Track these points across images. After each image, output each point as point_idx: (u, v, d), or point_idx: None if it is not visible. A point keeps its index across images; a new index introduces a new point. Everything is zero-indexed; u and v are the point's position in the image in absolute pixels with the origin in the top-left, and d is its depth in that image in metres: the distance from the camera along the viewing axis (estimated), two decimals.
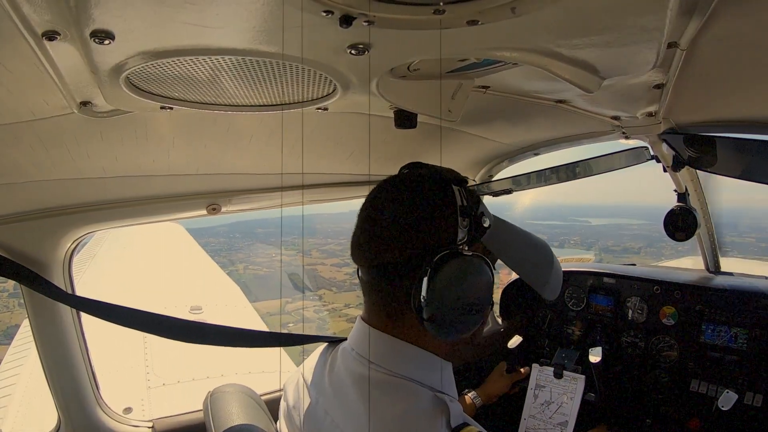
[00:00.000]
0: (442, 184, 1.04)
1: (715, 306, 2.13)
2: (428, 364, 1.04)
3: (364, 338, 1.07)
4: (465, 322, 0.98)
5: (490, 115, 1.76)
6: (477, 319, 1.00)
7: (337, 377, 1.10)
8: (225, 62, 0.93)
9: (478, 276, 0.98)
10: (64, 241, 1.71)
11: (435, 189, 1.03)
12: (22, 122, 1.15)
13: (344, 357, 1.11)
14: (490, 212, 1.09)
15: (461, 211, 1.00)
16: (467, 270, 0.97)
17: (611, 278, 2.41)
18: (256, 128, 1.50)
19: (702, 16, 0.90)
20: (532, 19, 0.79)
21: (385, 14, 0.75)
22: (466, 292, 0.96)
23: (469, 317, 0.98)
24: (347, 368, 1.08)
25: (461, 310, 0.96)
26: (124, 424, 2.00)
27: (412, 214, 1.01)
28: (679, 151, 1.79)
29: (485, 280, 0.99)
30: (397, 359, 1.03)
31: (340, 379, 1.08)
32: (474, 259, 0.98)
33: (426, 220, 1.00)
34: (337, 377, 1.09)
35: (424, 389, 1.01)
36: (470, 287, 0.97)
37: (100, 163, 1.48)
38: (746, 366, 2.02)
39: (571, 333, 2.45)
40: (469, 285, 0.96)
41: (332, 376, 1.11)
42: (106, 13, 0.72)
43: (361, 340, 1.08)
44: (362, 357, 1.06)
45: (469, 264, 0.97)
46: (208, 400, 1.60)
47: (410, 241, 1.00)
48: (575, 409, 2.07)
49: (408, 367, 1.03)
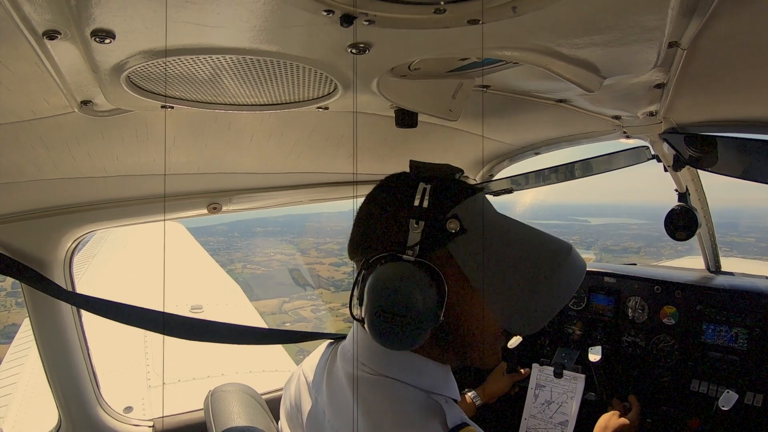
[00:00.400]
0: (407, 183, 0.97)
1: (716, 306, 2.13)
2: (416, 366, 0.99)
3: (357, 340, 1.06)
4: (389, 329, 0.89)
5: (491, 114, 1.76)
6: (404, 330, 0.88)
7: (334, 377, 1.09)
8: (226, 61, 0.93)
9: (410, 285, 0.88)
10: (64, 241, 1.71)
11: (397, 188, 0.98)
12: (23, 121, 1.15)
13: (342, 356, 1.11)
14: (475, 216, 0.95)
15: (416, 212, 0.92)
16: (395, 277, 0.88)
17: (612, 278, 2.41)
18: (257, 127, 1.50)
19: (703, 16, 0.90)
20: (533, 18, 0.79)
21: (385, 13, 0.75)
22: (392, 301, 0.87)
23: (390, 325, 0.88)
24: (343, 368, 1.08)
25: (388, 319, 0.88)
26: (124, 423, 2.00)
27: (371, 214, 0.98)
28: (679, 150, 1.79)
29: (421, 291, 0.88)
30: (384, 360, 1.00)
31: (337, 379, 1.08)
32: (411, 266, 0.89)
33: (379, 221, 0.96)
34: (335, 377, 1.09)
35: (416, 390, 0.97)
36: (398, 296, 0.87)
37: (101, 163, 1.48)
38: (747, 366, 2.02)
39: (571, 333, 2.45)
40: (396, 293, 0.87)
41: (330, 375, 1.11)
42: (106, 12, 0.72)
43: (353, 342, 1.08)
44: (355, 359, 1.05)
45: (401, 271, 0.89)
46: (208, 399, 1.60)
47: (363, 241, 0.98)
48: (576, 408, 2.07)
49: (395, 369, 0.99)
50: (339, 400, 1.04)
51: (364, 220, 1.00)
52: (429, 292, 0.89)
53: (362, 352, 1.03)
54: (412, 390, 0.97)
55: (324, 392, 1.10)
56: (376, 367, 1.00)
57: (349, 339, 1.13)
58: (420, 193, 0.93)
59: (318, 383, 1.15)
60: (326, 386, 1.10)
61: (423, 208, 0.92)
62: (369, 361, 1.02)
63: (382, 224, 0.95)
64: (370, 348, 1.02)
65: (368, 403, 0.95)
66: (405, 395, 0.96)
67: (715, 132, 1.58)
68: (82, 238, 1.77)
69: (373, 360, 1.01)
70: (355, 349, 1.05)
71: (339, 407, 1.03)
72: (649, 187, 72.01)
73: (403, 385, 0.98)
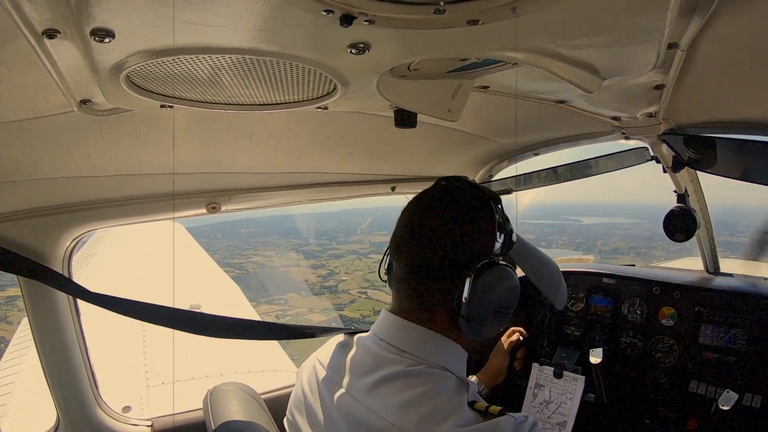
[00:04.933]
0: (484, 200, 1.17)
1: (715, 307, 2.13)
2: (454, 354, 1.16)
3: (396, 330, 1.17)
4: (495, 322, 1.13)
5: (490, 115, 1.76)
6: (504, 320, 1.15)
7: (368, 367, 1.14)
8: (225, 61, 0.93)
9: (510, 283, 1.12)
10: (64, 239, 1.71)
11: (479, 204, 1.16)
12: (23, 120, 1.15)
13: (376, 347, 1.17)
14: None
15: (499, 226, 1.14)
16: (503, 277, 1.10)
17: (611, 279, 2.41)
18: (256, 127, 1.50)
19: (702, 17, 0.90)
20: (533, 19, 0.79)
21: (385, 13, 0.75)
22: (501, 297, 1.10)
23: (499, 319, 1.13)
24: (380, 358, 1.14)
25: (494, 312, 1.11)
26: (122, 423, 2.00)
27: (458, 224, 1.13)
28: (678, 151, 1.79)
29: (515, 287, 1.13)
30: (429, 348, 1.13)
31: (373, 368, 1.13)
32: (508, 269, 1.12)
33: (470, 231, 1.13)
34: (369, 366, 1.14)
35: (451, 375, 1.12)
36: (504, 292, 1.10)
37: (100, 162, 1.48)
38: (745, 367, 2.02)
39: (570, 333, 2.45)
40: (503, 290, 1.10)
41: (361, 366, 1.16)
42: (106, 12, 0.72)
43: (393, 332, 1.18)
44: (393, 347, 1.14)
45: (505, 272, 1.11)
46: (207, 398, 1.60)
47: (453, 247, 1.11)
48: (574, 409, 2.07)
49: (438, 356, 1.13)
50: (378, 387, 1.09)
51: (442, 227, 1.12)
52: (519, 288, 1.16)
53: (402, 341, 1.15)
54: (449, 374, 1.12)
55: (354, 382, 1.14)
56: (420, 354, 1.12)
57: (381, 332, 1.20)
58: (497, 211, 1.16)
59: (340, 372, 1.18)
60: (357, 376, 1.15)
61: (500, 223, 1.15)
62: (413, 348, 1.13)
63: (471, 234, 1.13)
64: (412, 337, 1.14)
65: (411, 385, 1.05)
66: (445, 378, 1.10)
67: (715, 133, 1.59)
68: (81, 236, 1.77)
69: (416, 348, 1.13)
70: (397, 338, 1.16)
71: (378, 394, 1.08)
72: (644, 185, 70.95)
73: (442, 371, 1.11)
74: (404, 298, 1.17)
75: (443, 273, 1.11)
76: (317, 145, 1.75)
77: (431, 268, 1.12)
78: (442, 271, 1.11)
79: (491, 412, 1.02)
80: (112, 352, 3.57)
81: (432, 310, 1.14)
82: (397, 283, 1.19)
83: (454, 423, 0.98)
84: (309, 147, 1.75)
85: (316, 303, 21.47)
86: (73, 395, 1.83)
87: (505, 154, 2.35)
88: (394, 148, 1.90)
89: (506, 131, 2.03)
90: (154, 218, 1.88)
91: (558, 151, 2.26)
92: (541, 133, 2.10)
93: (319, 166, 1.95)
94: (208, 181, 1.81)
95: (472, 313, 1.09)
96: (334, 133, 1.69)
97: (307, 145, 1.73)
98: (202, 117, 1.36)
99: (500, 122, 1.88)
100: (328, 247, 24.49)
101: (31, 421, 3.01)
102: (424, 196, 1.21)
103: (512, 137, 2.14)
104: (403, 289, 1.18)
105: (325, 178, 2.05)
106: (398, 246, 1.18)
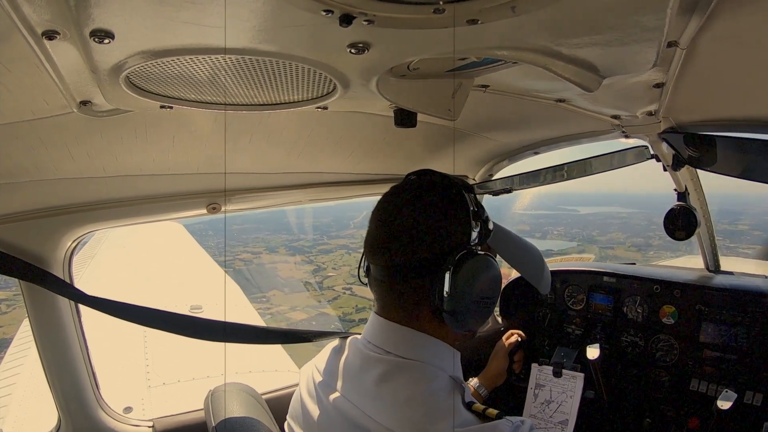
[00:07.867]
0: (455, 191, 1.14)
1: (715, 305, 2.13)
2: (442, 352, 1.14)
3: (381, 331, 1.16)
4: (480, 314, 1.10)
5: (490, 114, 1.76)
6: (489, 311, 1.13)
7: (357, 369, 1.14)
8: (225, 61, 0.93)
9: (490, 272, 1.09)
10: (64, 241, 1.71)
11: (450, 195, 1.14)
12: (22, 122, 1.15)
13: (364, 348, 1.16)
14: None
15: (473, 215, 1.12)
16: (482, 267, 1.08)
17: (611, 277, 2.41)
18: (256, 127, 1.50)
19: (702, 16, 0.90)
20: (532, 18, 0.79)
21: (385, 13, 0.75)
22: (482, 287, 1.08)
23: (483, 309, 1.10)
24: (367, 359, 1.14)
25: (478, 303, 1.08)
26: (124, 424, 2.00)
27: (431, 218, 1.10)
28: (678, 150, 1.79)
29: (496, 276, 1.11)
30: (416, 347, 1.12)
31: (362, 370, 1.13)
32: (487, 257, 1.09)
33: (445, 224, 1.10)
34: (358, 368, 1.14)
35: (442, 372, 1.10)
36: (485, 282, 1.08)
37: (100, 163, 1.48)
38: (746, 365, 2.02)
39: (571, 332, 2.46)
40: (484, 280, 1.08)
41: (351, 368, 1.16)
42: (105, 13, 0.72)
43: (378, 333, 1.16)
44: (379, 348, 1.13)
45: (484, 261, 1.09)
46: (209, 399, 1.60)
47: (429, 242, 1.08)
48: (575, 407, 2.07)
49: (425, 354, 1.11)
50: (369, 389, 1.08)
51: (415, 223, 1.10)
52: (500, 276, 1.14)
53: (387, 342, 1.13)
54: (439, 371, 1.10)
55: (347, 384, 1.14)
56: (407, 354, 1.10)
57: (369, 335, 1.18)
58: (471, 200, 1.13)
59: (334, 375, 1.18)
60: (349, 379, 1.15)
61: (478, 212, 1.13)
62: (399, 349, 1.11)
63: (446, 227, 1.10)
64: (398, 338, 1.13)
65: (400, 383, 1.05)
66: (435, 375, 1.08)
67: (714, 131, 1.59)
68: (81, 238, 1.77)
69: (402, 348, 1.11)
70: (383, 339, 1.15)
71: (370, 396, 1.07)
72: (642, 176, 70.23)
73: (431, 367, 1.09)
74: (385, 299, 1.16)
75: (422, 269, 1.08)
76: (317, 145, 1.75)
77: (409, 267, 1.09)
78: (420, 267, 1.09)
79: (488, 414, 1.02)
80: (114, 353, 3.57)
81: (415, 308, 1.12)
82: (376, 285, 1.17)
83: (452, 423, 0.97)
84: (309, 147, 1.75)
85: (299, 300, 21.27)
86: (74, 396, 1.83)
87: (505, 153, 2.34)
88: (394, 148, 1.90)
89: (506, 130, 2.03)
90: (154, 219, 1.88)
91: (558, 150, 2.26)
92: (541, 131, 2.10)
93: (319, 166, 1.94)
94: (208, 182, 1.81)
95: (455, 307, 1.06)
96: (334, 133, 1.69)
97: (307, 145, 1.73)
98: (202, 117, 1.36)
99: (500, 121, 1.87)
100: (318, 242, 24.21)
101: (32, 421, 3.01)
102: (394, 193, 1.18)
103: (512, 136, 2.14)
104: (383, 291, 1.16)
105: (325, 178, 2.05)
106: (372, 248, 1.16)
